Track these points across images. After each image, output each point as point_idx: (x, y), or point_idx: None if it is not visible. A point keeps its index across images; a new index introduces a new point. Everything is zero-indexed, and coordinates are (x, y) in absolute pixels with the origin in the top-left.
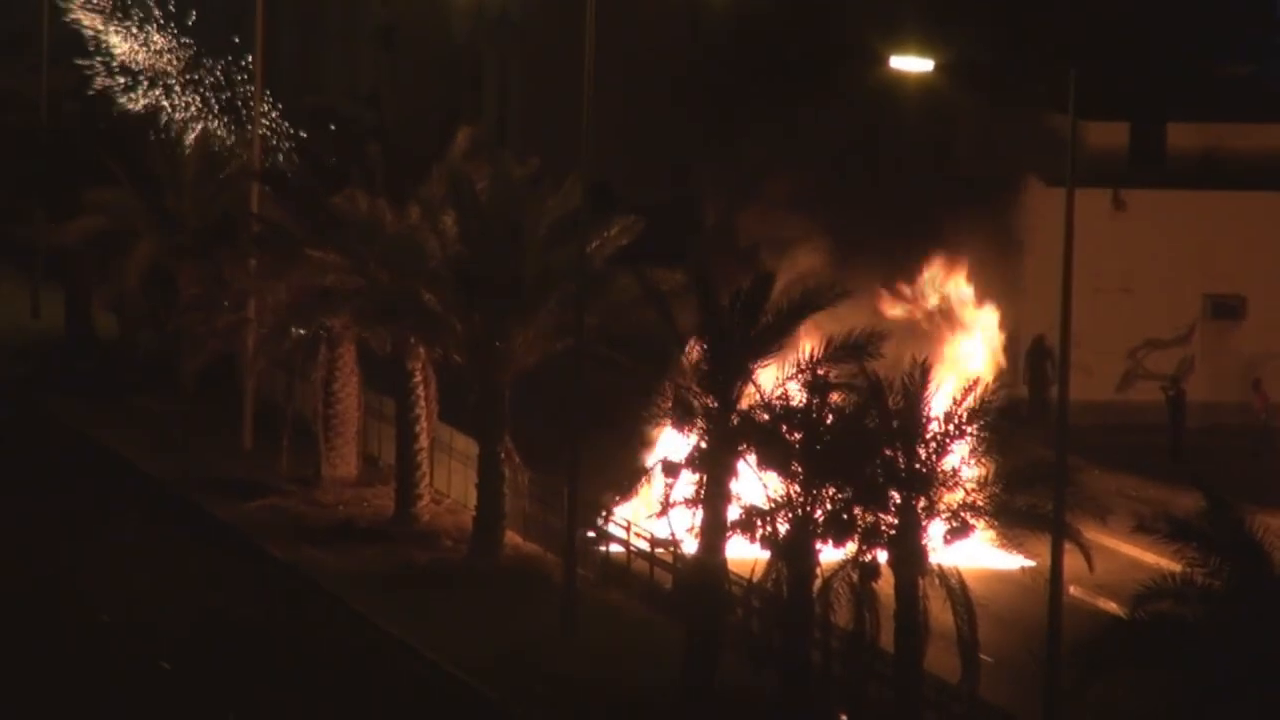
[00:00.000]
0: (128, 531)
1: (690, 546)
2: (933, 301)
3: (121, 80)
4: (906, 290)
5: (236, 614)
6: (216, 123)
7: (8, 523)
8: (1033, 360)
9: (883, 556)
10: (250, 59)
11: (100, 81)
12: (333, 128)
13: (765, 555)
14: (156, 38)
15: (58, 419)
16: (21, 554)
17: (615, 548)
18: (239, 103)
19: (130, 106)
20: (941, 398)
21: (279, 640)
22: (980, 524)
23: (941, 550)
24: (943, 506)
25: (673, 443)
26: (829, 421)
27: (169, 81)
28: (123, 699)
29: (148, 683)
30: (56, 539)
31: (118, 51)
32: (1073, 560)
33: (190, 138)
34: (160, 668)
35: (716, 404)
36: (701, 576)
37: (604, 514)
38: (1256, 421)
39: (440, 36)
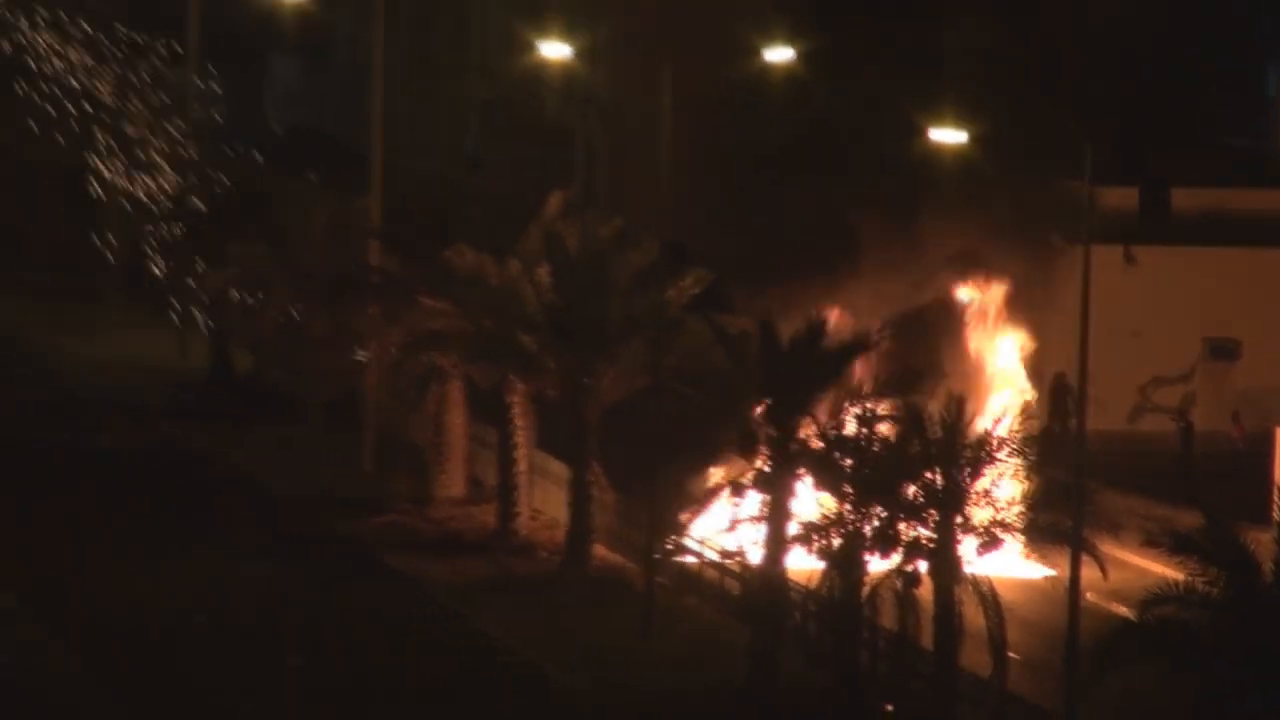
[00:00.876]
0: (256, 545)
1: (755, 558)
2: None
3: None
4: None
5: (358, 617)
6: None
7: (151, 535)
8: (1055, 395)
9: (923, 567)
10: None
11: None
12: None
13: (820, 566)
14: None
15: (198, 447)
16: (154, 563)
17: (690, 559)
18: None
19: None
20: (977, 424)
21: (395, 639)
22: (1009, 538)
23: (975, 561)
24: (976, 523)
25: (739, 467)
26: (876, 448)
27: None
28: (259, 689)
29: (279, 676)
30: (188, 549)
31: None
32: (1089, 570)
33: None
34: (289, 664)
35: (777, 433)
36: (765, 584)
37: (680, 529)
38: (1234, 449)
39: (536, 112)
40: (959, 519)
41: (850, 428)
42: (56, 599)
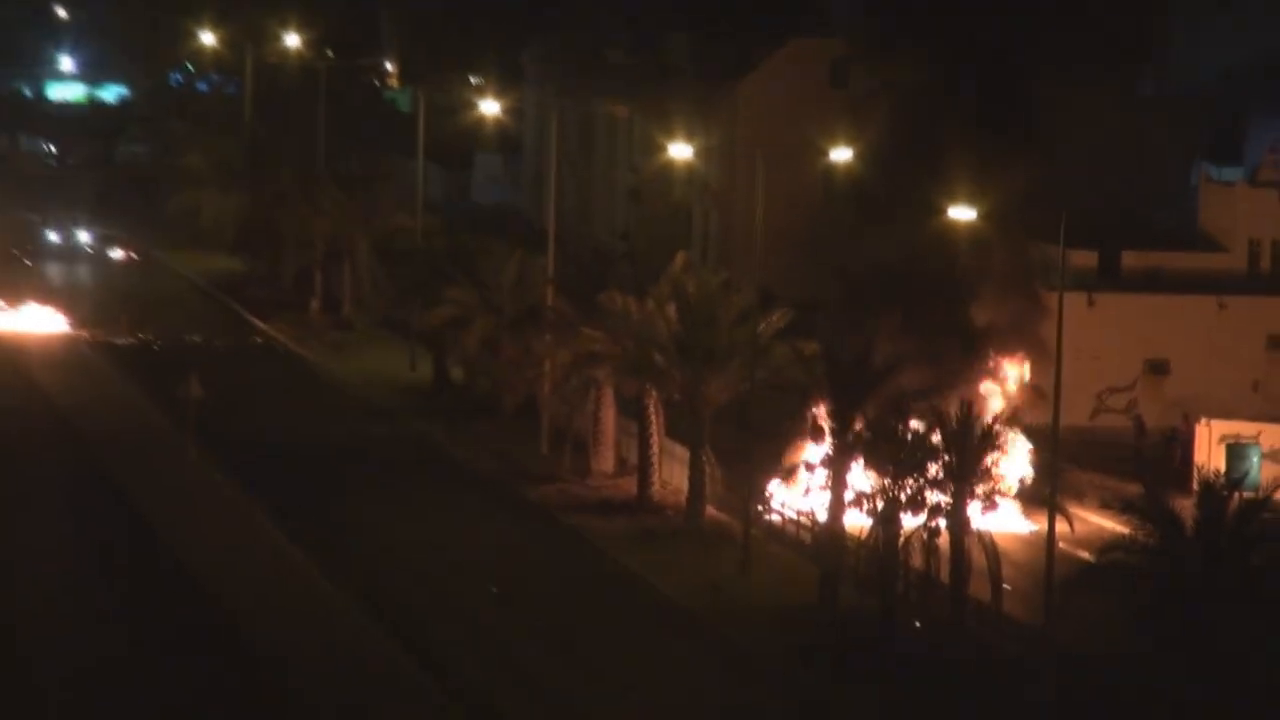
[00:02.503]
0: (468, 504)
1: (822, 516)
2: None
3: None
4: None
5: (540, 557)
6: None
7: (393, 497)
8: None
9: (942, 523)
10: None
11: None
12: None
13: (869, 522)
14: None
15: (425, 437)
16: (399, 514)
17: (775, 517)
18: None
19: None
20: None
21: (565, 573)
22: (1004, 502)
23: (980, 519)
24: (981, 491)
25: (811, 451)
26: (909, 437)
27: None
28: (479, 603)
29: (488, 598)
30: (421, 506)
31: None
32: (1061, 525)
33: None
34: (489, 590)
35: (838, 427)
36: (829, 536)
37: (768, 495)
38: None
39: (666, 193)
40: (968, 488)
41: (891, 422)
42: (340, 546)
